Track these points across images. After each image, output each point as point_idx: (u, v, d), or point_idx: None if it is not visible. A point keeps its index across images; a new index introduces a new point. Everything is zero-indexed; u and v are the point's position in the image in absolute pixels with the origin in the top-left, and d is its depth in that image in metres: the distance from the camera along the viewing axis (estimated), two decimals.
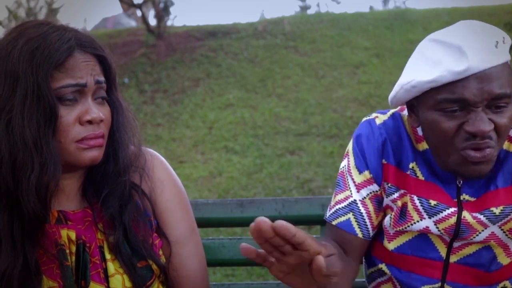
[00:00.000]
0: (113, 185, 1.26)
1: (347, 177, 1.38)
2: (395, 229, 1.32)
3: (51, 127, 1.17)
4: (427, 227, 1.27)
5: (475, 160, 1.17)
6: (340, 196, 1.37)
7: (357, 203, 1.35)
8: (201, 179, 5.87)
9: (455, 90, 1.16)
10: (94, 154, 1.22)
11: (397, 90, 1.25)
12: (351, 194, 1.36)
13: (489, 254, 1.25)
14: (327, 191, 5.31)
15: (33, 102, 1.15)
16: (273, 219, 1.68)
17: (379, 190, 1.35)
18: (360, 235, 1.34)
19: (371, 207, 1.35)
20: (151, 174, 1.33)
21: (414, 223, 1.29)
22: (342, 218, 1.35)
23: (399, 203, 1.31)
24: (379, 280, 1.40)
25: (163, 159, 1.39)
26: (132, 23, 13.32)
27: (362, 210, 1.35)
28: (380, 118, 1.38)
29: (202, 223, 1.67)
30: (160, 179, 1.34)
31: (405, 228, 1.30)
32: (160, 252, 1.31)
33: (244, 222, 1.77)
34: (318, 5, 22.45)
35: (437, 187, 1.27)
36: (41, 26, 1.21)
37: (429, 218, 1.27)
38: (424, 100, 1.21)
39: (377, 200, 1.36)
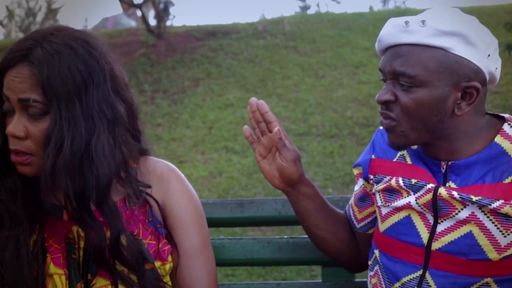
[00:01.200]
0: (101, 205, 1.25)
1: None
2: (385, 206, 1.39)
3: None
4: (409, 202, 1.33)
5: (383, 127, 1.32)
6: None
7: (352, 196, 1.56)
8: (201, 179, 5.87)
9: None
10: (20, 169, 1.24)
11: None
12: None
13: (472, 242, 1.26)
14: (327, 191, 5.31)
15: None
16: (273, 219, 1.71)
17: (363, 184, 1.48)
18: (352, 222, 1.54)
19: (352, 200, 1.54)
20: (166, 186, 1.35)
21: (400, 199, 1.35)
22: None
23: (386, 185, 1.39)
24: (371, 273, 1.44)
25: (180, 173, 1.41)
26: (132, 23, 13.31)
27: (350, 201, 1.56)
28: None
29: None
30: (175, 191, 1.36)
31: (392, 204, 1.36)
32: (169, 259, 1.33)
33: (244, 222, 1.77)
34: (318, 5, 22.48)
35: (423, 170, 1.33)
36: (31, 33, 1.25)
37: (413, 194, 1.33)
38: None
39: (360, 196, 1.50)
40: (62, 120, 1.19)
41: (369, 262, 1.46)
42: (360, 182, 1.50)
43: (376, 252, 1.41)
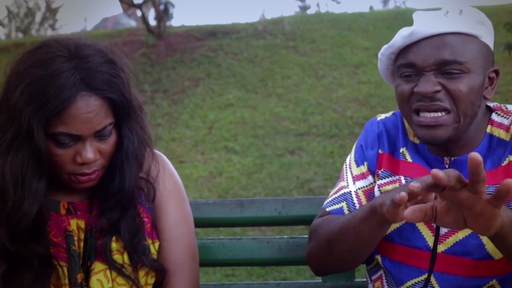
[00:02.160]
0: (114, 202, 1.32)
1: (347, 170, 1.47)
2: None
3: (38, 169, 1.22)
4: None
5: (426, 123, 1.26)
6: (337, 187, 1.47)
7: (351, 194, 1.43)
8: (201, 179, 5.87)
9: (407, 56, 1.28)
10: (85, 186, 1.29)
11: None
12: (347, 185, 1.44)
13: (476, 241, 1.26)
14: (327, 191, 5.31)
15: (23, 141, 1.19)
16: (273, 219, 1.70)
17: (373, 182, 1.42)
18: None
19: (363, 199, 1.41)
20: (153, 169, 1.40)
21: None
22: (336, 206, 1.43)
23: (389, 187, 1.37)
24: (374, 277, 1.43)
25: (165, 157, 1.46)
26: (132, 23, 13.31)
27: (355, 200, 1.41)
28: (382, 116, 1.48)
29: (202, 223, 1.67)
30: (159, 172, 1.41)
31: None
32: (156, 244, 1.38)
33: (244, 222, 1.77)
34: (318, 5, 22.49)
35: (424, 169, 1.33)
36: (53, 61, 1.19)
37: None
38: (396, 70, 1.35)
39: (371, 194, 1.41)
40: (127, 127, 1.29)
41: (368, 267, 1.45)
42: (370, 179, 1.42)
43: (378, 257, 1.39)
